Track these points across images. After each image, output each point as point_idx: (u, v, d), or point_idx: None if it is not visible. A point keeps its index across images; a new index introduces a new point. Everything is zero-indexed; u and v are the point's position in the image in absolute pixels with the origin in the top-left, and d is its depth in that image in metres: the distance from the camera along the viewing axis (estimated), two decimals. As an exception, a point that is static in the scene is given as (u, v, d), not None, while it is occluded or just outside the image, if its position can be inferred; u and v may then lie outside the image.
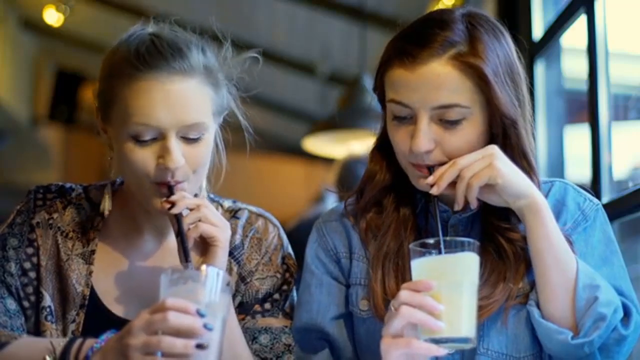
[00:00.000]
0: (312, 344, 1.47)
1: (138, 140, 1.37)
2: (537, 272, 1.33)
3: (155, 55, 1.37)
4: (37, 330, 1.45)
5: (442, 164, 1.34)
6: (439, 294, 1.19)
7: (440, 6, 3.77)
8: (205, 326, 1.18)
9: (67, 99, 7.43)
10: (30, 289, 1.47)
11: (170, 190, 1.39)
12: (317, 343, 1.47)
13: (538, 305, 1.33)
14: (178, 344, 1.16)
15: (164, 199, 1.39)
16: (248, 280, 1.52)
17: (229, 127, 1.57)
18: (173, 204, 1.38)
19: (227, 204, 1.60)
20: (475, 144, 1.35)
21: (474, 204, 1.33)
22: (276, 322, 1.52)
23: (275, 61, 6.02)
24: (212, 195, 1.59)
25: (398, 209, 1.45)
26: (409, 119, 1.35)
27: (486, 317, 1.34)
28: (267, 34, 5.89)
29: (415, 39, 1.34)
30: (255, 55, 1.54)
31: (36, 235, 1.49)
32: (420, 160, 1.35)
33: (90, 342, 1.31)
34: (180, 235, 1.37)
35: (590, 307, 1.28)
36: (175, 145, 1.36)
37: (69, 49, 7.23)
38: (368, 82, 4.25)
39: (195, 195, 1.45)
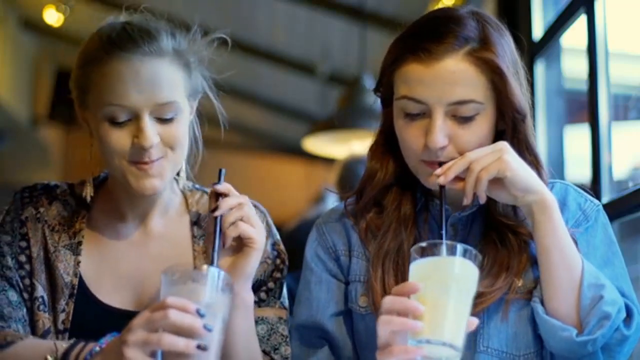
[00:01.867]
0: (311, 342, 1.48)
1: (113, 122, 1.40)
2: (542, 269, 1.33)
3: (125, 39, 1.42)
4: (31, 320, 1.47)
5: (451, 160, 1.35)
6: (425, 296, 1.17)
7: (440, 6, 3.77)
8: (204, 327, 1.17)
9: (67, 99, 7.42)
10: (27, 281, 1.49)
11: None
12: (317, 341, 1.47)
13: (542, 302, 1.33)
14: (180, 343, 1.16)
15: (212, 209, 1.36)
16: None
17: (229, 127, 1.57)
18: (216, 207, 1.35)
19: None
20: (486, 140, 1.36)
21: (482, 199, 1.33)
22: (272, 312, 1.53)
23: (275, 61, 6.02)
24: (196, 185, 1.61)
25: (399, 208, 1.45)
26: (421, 116, 1.35)
27: (486, 307, 1.34)
28: (267, 34, 5.89)
29: (431, 35, 1.34)
30: (223, 36, 1.55)
31: (27, 229, 1.52)
32: (434, 156, 1.35)
33: (92, 345, 1.32)
34: (214, 235, 1.34)
35: (595, 305, 1.29)
36: (148, 124, 1.40)
37: (69, 49, 7.22)
38: (368, 82, 4.24)
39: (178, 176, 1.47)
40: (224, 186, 1.38)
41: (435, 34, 1.33)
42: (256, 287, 1.52)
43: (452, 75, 1.31)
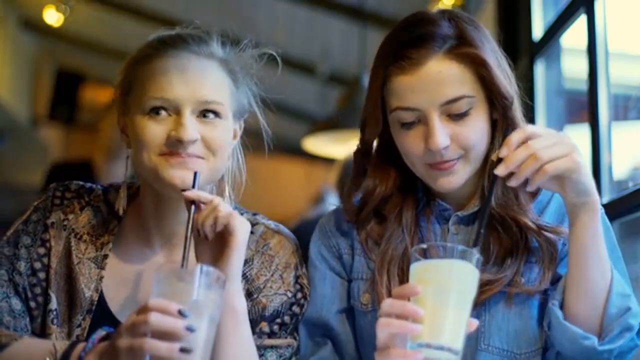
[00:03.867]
0: (316, 340, 1.49)
1: (153, 114, 1.37)
2: (575, 270, 1.31)
3: (176, 40, 1.43)
4: (42, 332, 1.44)
5: (457, 157, 1.35)
6: (425, 298, 1.16)
7: (440, 6, 3.77)
8: (187, 328, 1.14)
9: (67, 99, 7.43)
10: (38, 290, 1.45)
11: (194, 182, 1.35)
12: (321, 340, 1.48)
13: (561, 307, 1.32)
14: (162, 348, 1.13)
15: (183, 191, 1.34)
16: (255, 296, 1.47)
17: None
18: (191, 198, 1.33)
19: (247, 216, 1.55)
20: (485, 130, 1.37)
21: (533, 188, 1.29)
22: (283, 342, 1.47)
23: (275, 61, 6.02)
24: (235, 206, 1.56)
25: (400, 215, 1.46)
26: (417, 123, 1.36)
27: (488, 299, 1.34)
28: (267, 34, 5.88)
29: (409, 42, 1.35)
30: (273, 53, 1.56)
31: (49, 236, 1.48)
32: (439, 157, 1.35)
33: (85, 343, 1.30)
34: (186, 232, 1.31)
35: (622, 316, 1.29)
36: (189, 119, 1.37)
37: (69, 49, 7.23)
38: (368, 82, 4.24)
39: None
40: (193, 193, 1.34)
41: (413, 40, 1.34)
42: (272, 318, 1.47)
43: (439, 76, 1.32)
